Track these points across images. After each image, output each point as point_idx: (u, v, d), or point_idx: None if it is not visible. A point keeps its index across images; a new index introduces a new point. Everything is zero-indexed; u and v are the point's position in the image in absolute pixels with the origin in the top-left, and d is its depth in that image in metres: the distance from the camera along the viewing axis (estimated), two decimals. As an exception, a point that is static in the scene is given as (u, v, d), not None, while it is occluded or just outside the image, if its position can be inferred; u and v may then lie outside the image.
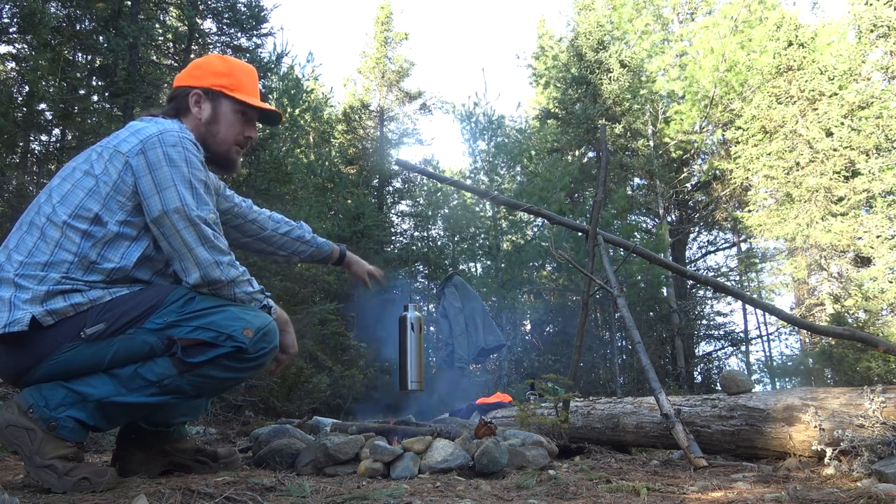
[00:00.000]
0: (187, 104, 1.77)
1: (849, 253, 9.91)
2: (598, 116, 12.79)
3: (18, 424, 1.46)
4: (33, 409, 1.47)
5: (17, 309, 1.45)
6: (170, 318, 1.53)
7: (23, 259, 1.50)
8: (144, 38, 6.69)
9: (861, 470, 1.79)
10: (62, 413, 1.47)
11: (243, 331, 1.53)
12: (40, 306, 1.46)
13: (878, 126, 9.34)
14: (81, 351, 1.49)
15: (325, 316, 7.48)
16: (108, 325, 1.49)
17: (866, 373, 7.95)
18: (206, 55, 1.95)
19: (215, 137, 1.79)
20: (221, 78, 1.79)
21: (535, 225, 12.54)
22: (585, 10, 14.33)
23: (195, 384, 1.55)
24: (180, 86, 1.80)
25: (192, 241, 1.54)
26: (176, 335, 1.51)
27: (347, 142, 14.39)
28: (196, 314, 1.54)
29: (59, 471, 1.44)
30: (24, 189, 6.32)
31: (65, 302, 1.48)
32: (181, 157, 1.56)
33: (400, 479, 1.79)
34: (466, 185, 6.38)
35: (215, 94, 1.78)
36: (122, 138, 1.61)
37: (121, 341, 1.50)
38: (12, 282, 1.48)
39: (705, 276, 12.36)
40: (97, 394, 1.49)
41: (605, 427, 3.15)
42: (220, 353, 1.52)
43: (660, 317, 13.01)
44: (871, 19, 9.53)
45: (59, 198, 1.56)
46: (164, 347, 1.52)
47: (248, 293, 1.63)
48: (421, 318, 2.41)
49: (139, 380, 1.50)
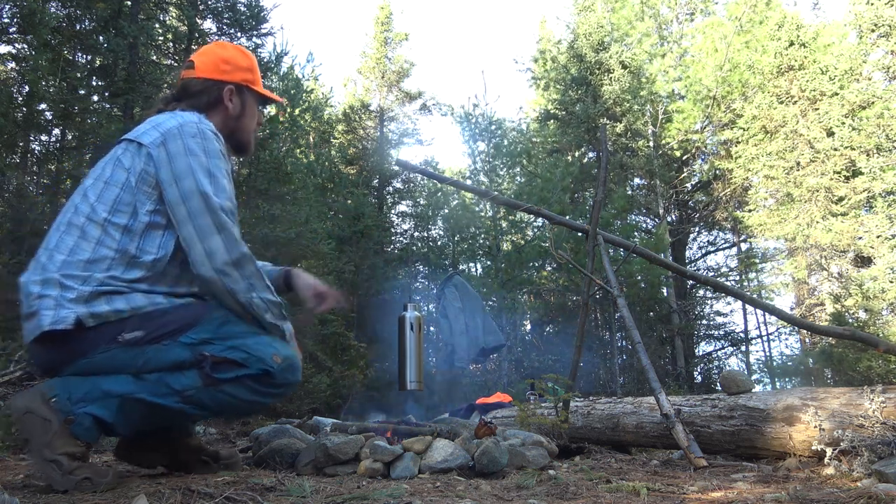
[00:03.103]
0: (221, 98, 1.82)
1: (849, 253, 9.91)
2: (598, 116, 12.79)
3: (37, 413, 1.48)
4: (56, 400, 1.49)
5: (63, 308, 1.49)
6: (205, 335, 1.57)
7: (65, 258, 1.54)
8: (144, 38, 6.70)
9: (861, 470, 1.79)
10: (82, 409, 1.49)
11: (273, 356, 1.57)
12: (84, 307, 1.50)
13: (879, 126, 9.34)
14: (115, 354, 1.53)
15: (325, 316, 7.48)
16: (146, 333, 1.54)
17: (866, 373, 7.95)
18: (220, 43, 1.98)
19: (243, 129, 1.88)
20: (247, 73, 1.87)
21: (535, 225, 12.55)
22: (585, 10, 14.33)
23: (217, 400, 1.57)
24: (210, 79, 1.82)
25: (207, 228, 1.55)
26: (208, 351, 1.55)
27: (347, 142, 14.39)
28: (231, 335, 1.58)
29: (63, 468, 1.44)
30: (24, 189, 6.33)
31: (108, 307, 1.52)
32: (200, 146, 1.61)
33: (400, 479, 1.78)
34: (466, 185, 6.39)
35: (241, 89, 1.86)
36: (143, 131, 1.65)
37: (154, 350, 1.54)
38: (58, 281, 1.52)
39: (705, 276, 12.39)
40: (121, 390, 1.52)
41: (605, 427, 3.15)
42: (246, 374, 1.55)
43: (660, 317, 13.00)
44: (873, 19, 9.53)
45: (96, 196, 1.60)
46: (194, 362, 1.56)
47: (265, 301, 1.59)
48: (420, 318, 2.41)
49: (164, 387, 1.54)
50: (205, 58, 1.85)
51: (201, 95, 1.81)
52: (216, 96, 1.82)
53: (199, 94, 1.81)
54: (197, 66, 1.83)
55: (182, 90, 1.84)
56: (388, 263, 11.82)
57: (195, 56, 1.86)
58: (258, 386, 1.57)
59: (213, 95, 1.81)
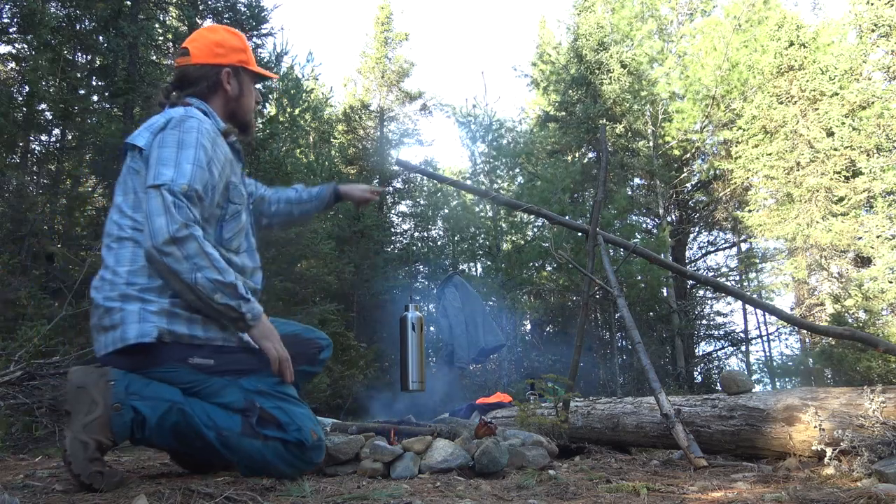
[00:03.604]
0: (220, 82, 1.86)
1: (849, 253, 9.91)
2: (598, 117, 12.79)
3: (91, 392, 1.51)
4: (115, 384, 1.53)
5: (146, 322, 1.56)
6: (262, 387, 1.65)
7: (128, 269, 1.62)
8: (144, 38, 6.69)
9: (861, 470, 1.79)
10: (130, 401, 1.53)
11: (311, 431, 1.65)
12: (166, 324, 1.58)
13: (879, 126, 9.34)
14: (181, 374, 1.60)
15: (325, 316, 7.49)
16: (215, 364, 1.63)
17: (866, 373, 7.95)
18: (210, 27, 2.01)
19: (243, 109, 1.93)
20: (240, 54, 1.90)
21: (535, 225, 12.54)
22: (586, 11, 14.32)
23: (245, 450, 1.60)
24: (206, 63, 1.85)
25: (155, 210, 1.53)
26: (259, 403, 1.63)
27: (347, 142, 14.38)
28: (283, 397, 1.67)
29: (89, 452, 1.46)
30: (24, 189, 6.33)
31: (187, 331, 1.61)
32: (173, 138, 1.64)
33: (400, 479, 1.78)
34: (467, 185, 6.38)
35: (237, 70, 1.90)
36: (138, 134, 1.71)
37: (215, 382, 1.62)
38: (137, 296, 1.59)
39: (705, 276, 12.40)
40: (173, 397, 1.57)
41: (605, 427, 3.15)
42: (283, 437, 1.62)
43: (660, 317, 13.00)
44: (872, 19, 9.53)
45: (131, 208, 1.66)
46: (243, 408, 1.62)
47: (212, 281, 1.53)
48: (421, 318, 2.41)
49: (207, 417, 1.58)
50: (198, 43, 1.87)
51: (200, 82, 1.85)
52: (214, 81, 1.85)
53: (198, 80, 1.85)
54: (192, 53, 1.85)
55: (180, 78, 1.87)
56: (388, 263, 11.81)
57: (188, 42, 1.88)
58: (286, 452, 1.62)
59: (212, 80, 1.85)
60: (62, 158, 7.03)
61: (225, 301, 1.56)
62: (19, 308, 4.65)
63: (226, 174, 1.76)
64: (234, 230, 1.79)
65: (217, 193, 1.71)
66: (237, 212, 1.81)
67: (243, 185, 1.89)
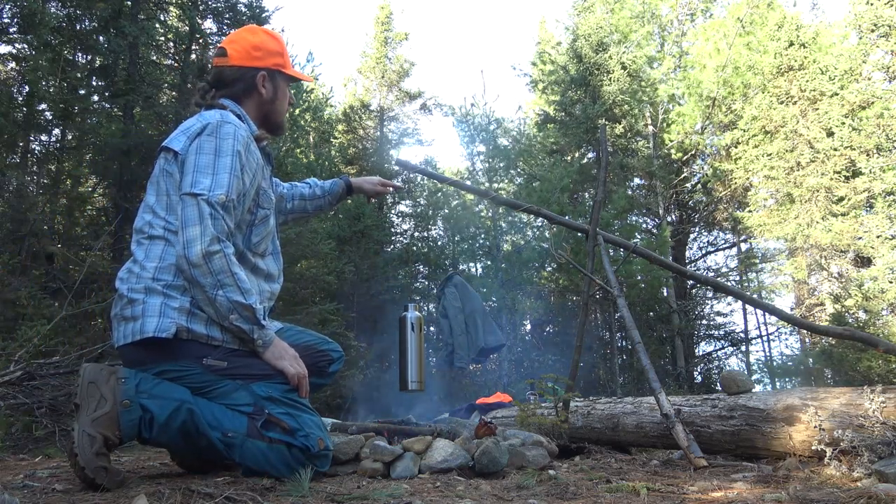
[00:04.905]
0: (255, 85, 1.88)
1: (849, 253, 9.91)
2: (598, 117, 12.78)
3: (101, 388, 1.52)
4: (125, 381, 1.54)
5: (166, 317, 1.59)
6: (273, 393, 1.67)
7: (156, 265, 1.64)
8: (144, 38, 6.69)
9: (861, 470, 1.79)
10: (140, 399, 1.54)
11: (319, 439, 1.66)
12: (185, 321, 1.60)
13: (879, 126, 9.34)
14: (193, 374, 1.62)
15: (325, 316, 7.48)
16: (229, 367, 1.64)
17: (866, 373, 7.95)
18: (250, 28, 2.00)
19: (276, 111, 1.95)
20: (277, 57, 1.91)
21: (535, 225, 12.54)
22: (585, 11, 14.31)
23: (249, 451, 1.61)
24: (242, 66, 1.86)
25: (190, 219, 1.58)
26: (269, 409, 1.64)
27: (347, 142, 14.38)
28: (294, 404, 1.69)
29: (96, 446, 1.47)
30: (24, 189, 6.33)
31: (205, 331, 1.62)
32: (211, 145, 1.66)
33: (400, 479, 1.78)
34: (466, 185, 6.37)
35: (273, 73, 1.91)
36: (174, 137, 1.72)
37: (226, 385, 1.64)
38: (161, 291, 1.61)
39: (705, 276, 12.39)
40: (182, 396, 1.58)
41: (605, 427, 3.15)
42: (289, 442, 1.63)
43: (660, 317, 13.00)
44: (872, 19, 9.53)
45: (164, 210, 1.68)
46: (251, 412, 1.64)
47: (232, 301, 1.59)
48: (421, 318, 2.40)
49: (213, 417, 1.59)
50: (237, 45, 1.88)
51: (236, 83, 1.87)
52: (250, 83, 1.87)
53: (234, 82, 1.87)
54: (230, 54, 1.86)
55: (216, 79, 1.88)
56: (388, 263, 11.81)
57: (226, 43, 1.89)
58: (290, 456, 1.63)
59: (248, 83, 1.87)
60: (62, 158, 7.03)
61: (239, 324, 1.63)
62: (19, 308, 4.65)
63: (257, 180, 1.78)
64: (262, 234, 1.82)
65: (248, 199, 1.75)
66: (266, 216, 1.83)
67: (272, 189, 1.92)
